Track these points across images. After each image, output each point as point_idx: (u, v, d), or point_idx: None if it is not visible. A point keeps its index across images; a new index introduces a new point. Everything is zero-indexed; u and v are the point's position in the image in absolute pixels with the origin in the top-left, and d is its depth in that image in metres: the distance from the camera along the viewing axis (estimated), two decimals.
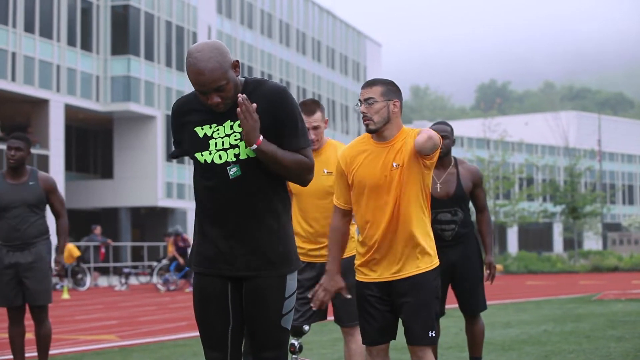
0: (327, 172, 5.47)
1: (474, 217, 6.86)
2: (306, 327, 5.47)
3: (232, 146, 3.77)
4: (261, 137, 3.70)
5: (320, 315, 5.64)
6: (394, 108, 4.73)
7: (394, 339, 4.89)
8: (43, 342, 7.11)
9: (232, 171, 3.75)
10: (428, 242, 4.77)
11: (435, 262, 4.81)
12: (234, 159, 3.76)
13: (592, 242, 68.27)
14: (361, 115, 4.77)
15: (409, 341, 4.79)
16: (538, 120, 76.01)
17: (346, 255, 5.48)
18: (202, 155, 3.79)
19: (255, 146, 3.69)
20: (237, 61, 3.74)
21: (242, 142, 3.75)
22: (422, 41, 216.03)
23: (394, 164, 4.69)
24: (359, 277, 4.86)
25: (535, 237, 74.39)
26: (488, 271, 6.62)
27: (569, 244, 66.66)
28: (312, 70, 56.20)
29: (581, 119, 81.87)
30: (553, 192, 42.49)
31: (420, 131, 4.71)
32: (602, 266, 33.85)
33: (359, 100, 4.77)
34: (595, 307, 14.57)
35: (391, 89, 4.74)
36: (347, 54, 62.20)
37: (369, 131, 4.76)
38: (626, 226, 71.81)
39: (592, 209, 42.51)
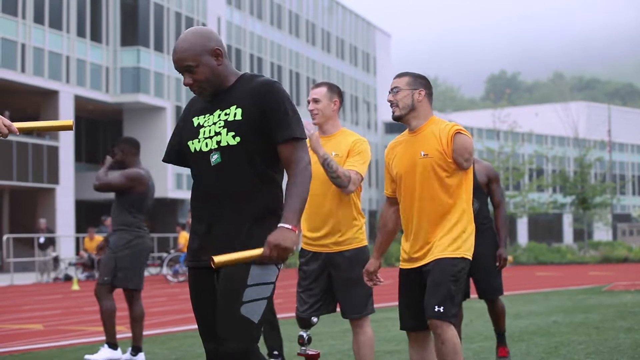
0: (335, 154, 5.46)
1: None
2: (314, 319, 5.45)
3: (216, 133, 3.73)
4: (289, 226, 3.52)
5: (328, 307, 5.61)
6: (418, 96, 4.96)
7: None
8: (135, 322, 7.97)
9: (214, 158, 3.72)
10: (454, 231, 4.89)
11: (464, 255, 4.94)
12: (216, 146, 3.72)
13: (602, 232, 68.14)
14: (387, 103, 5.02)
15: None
16: (548, 111, 75.92)
17: (354, 246, 5.47)
18: (192, 143, 3.80)
19: (294, 232, 3.54)
20: (219, 49, 3.72)
21: (224, 129, 3.71)
22: (432, 32, 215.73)
23: (422, 153, 4.90)
24: (401, 264, 5.09)
25: (545, 228, 74.30)
26: (498, 263, 7.12)
27: (578, 235, 66.52)
28: (322, 61, 56.14)
29: (591, 110, 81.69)
30: (563, 183, 42.40)
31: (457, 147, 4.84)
32: (611, 257, 33.78)
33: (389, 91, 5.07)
34: (604, 298, 14.54)
35: (418, 80, 5.01)
36: (357, 45, 62.12)
37: (394, 118, 5.04)
38: (636, 217, 71.68)
39: (602, 200, 42.45)
